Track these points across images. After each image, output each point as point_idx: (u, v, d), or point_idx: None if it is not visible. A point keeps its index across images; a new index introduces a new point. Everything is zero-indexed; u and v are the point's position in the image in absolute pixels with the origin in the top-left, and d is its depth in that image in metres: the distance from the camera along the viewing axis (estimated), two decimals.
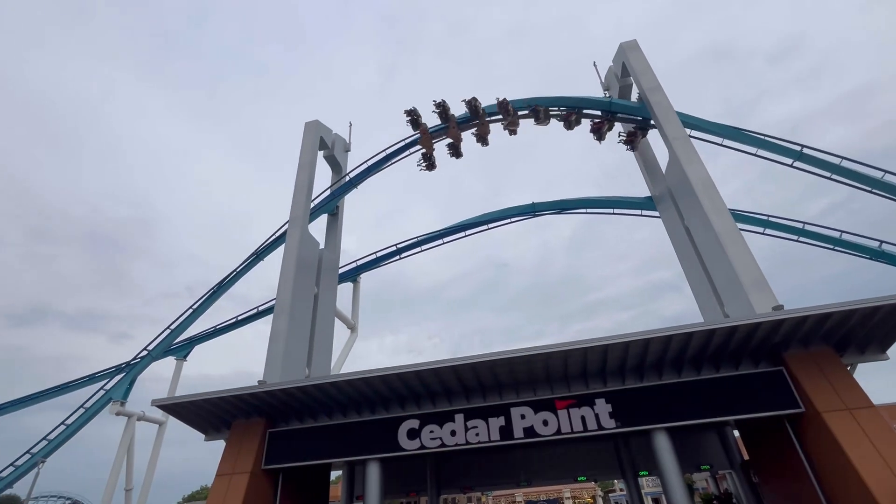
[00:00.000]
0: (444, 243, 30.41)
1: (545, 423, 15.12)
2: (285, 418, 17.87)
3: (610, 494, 46.76)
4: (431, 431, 15.88)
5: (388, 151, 29.37)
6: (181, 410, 17.69)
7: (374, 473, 15.87)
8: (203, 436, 19.23)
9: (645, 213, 26.77)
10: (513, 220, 29.21)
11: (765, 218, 25.44)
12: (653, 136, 26.50)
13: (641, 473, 20.22)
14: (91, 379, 29.00)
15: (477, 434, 15.47)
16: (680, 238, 22.29)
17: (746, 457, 18.66)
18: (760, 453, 17.23)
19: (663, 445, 14.16)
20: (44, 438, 25.50)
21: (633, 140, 25.98)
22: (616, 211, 27.76)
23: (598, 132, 25.42)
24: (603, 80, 30.05)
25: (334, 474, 28.78)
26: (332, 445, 16.74)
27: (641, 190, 27.39)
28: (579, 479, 21.24)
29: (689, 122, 22.36)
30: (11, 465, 24.86)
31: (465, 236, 30.07)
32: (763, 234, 25.36)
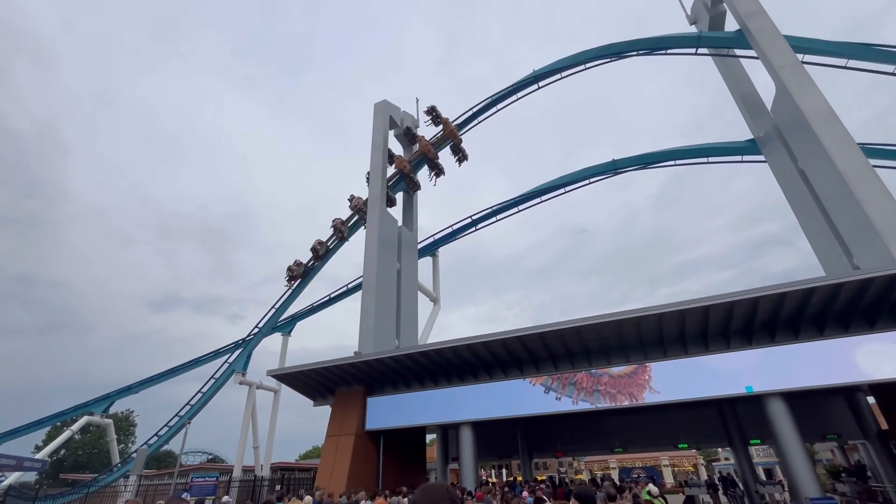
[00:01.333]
0: (519, 211, 29.82)
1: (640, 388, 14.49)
2: (381, 386, 19.15)
3: (714, 463, 44.14)
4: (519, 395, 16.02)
5: (456, 123, 29.15)
6: (291, 379, 19.73)
7: (466, 437, 16.51)
8: (311, 402, 21.35)
9: (746, 158, 23.77)
10: (592, 180, 27.63)
11: None
12: (752, 67, 23.19)
13: (753, 442, 18.70)
14: (216, 354, 33.48)
15: (565, 400, 15.31)
16: (792, 183, 19.53)
17: (885, 426, 16.39)
18: None
19: (779, 412, 12.89)
20: (187, 404, 30.24)
21: None
22: (711, 159, 24.96)
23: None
24: (689, 13, 26.61)
25: (430, 438, 30.56)
26: (424, 411, 17.63)
27: (740, 133, 24.32)
28: (680, 446, 20.23)
29: (801, 45, 19.08)
30: (165, 425, 29.91)
31: (542, 202, 29.19)
32: None
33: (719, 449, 45.47)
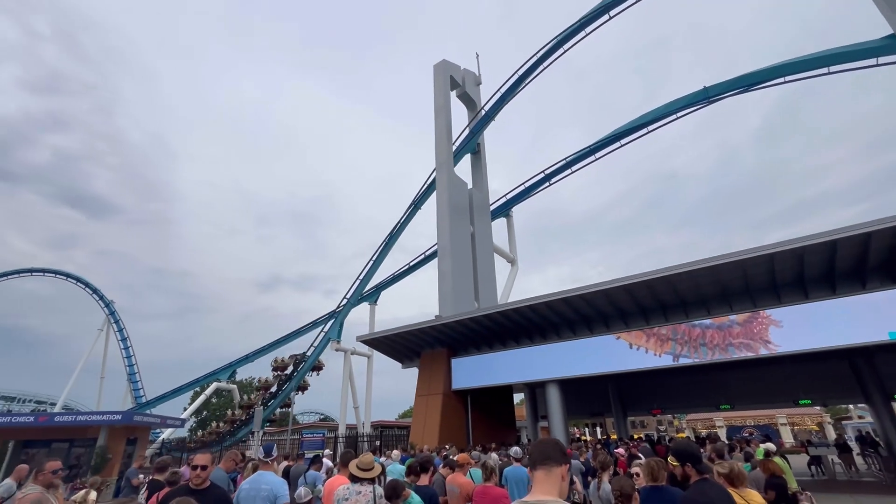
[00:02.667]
0: (596, 160, 27.58)
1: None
2: (464, 347, 19.36)
3: (844, 422, 39.27)
4: (608, 353, 15.18)
5: (521, 72, 27.39)
6: (378, 344, 20.74)
7: (553, 395, 16.16)
8: (400, 365, 22.38)
9: (883, 60, 19.30)
10: (679, 114, 24.50)
11: None
12: None
13: None
14: (314, 325, 36.49)
15: (665, 356, 14.16)
16: None
17: None
18: None
19: None
20: (296, 370, 33.63)
21: None
22: (833, 69, 20.63)
23: None
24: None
25: (520, 398, 30.80)
26: (508, 370, 17.50)
27: (872, 34, 19.66)
28: (801, 402, 18.03)
29: None
30: (280, 389, 33.68)
31: (621, 146, 26.64)
32: None
33: (850, 406, 40.27)
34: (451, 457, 12.27)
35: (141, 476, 8.50)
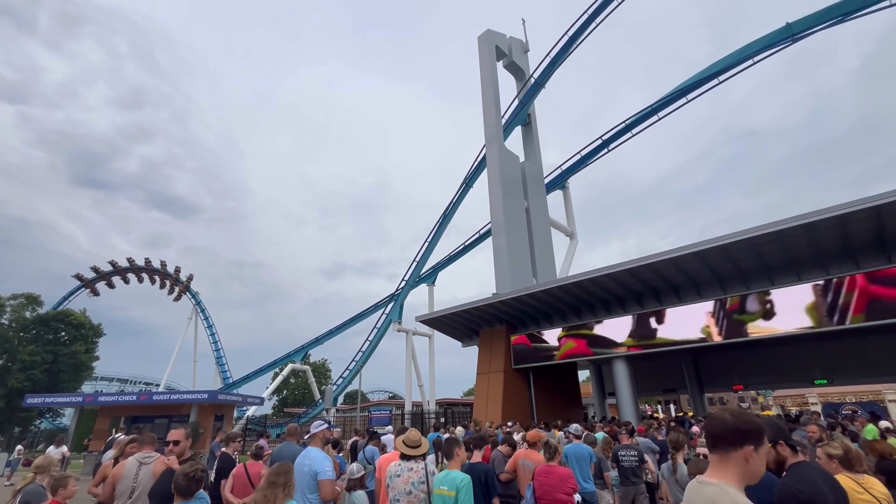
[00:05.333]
0: (659, 119, 25.38)
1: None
2: (524, 323, 18.94)
3: None
4: (681, 325, 14.09)
5: (571, 32, 25.68)
6: (437, 323, 20.88)
7: (621, 371, 15.38)
8: (460, 344, 22.45)
9: None
10: (757, 59, 21.73)
11: None
12: None
13: None
14: (375, 307, 37.75)
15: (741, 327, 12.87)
16: None
17: None
18: None
19: None
20: (359, 350, 35.16)
21: None
22: None
23: None
24: None
25: (585, 375, 29.93)
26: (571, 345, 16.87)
27: None
28: None
29: None
30: (346, 369, 35.43)
31: (687, 102, 24.22)
32: None
33: None
34: (514, 434, 12.11)
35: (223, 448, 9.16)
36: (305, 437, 4.66)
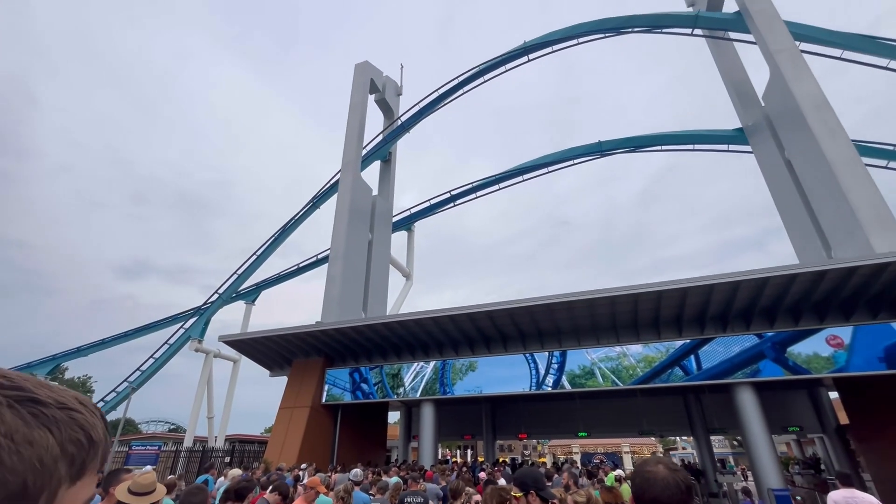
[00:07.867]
0: (500, 189, 28.81)
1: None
2: (342, 358, 18.15)
3: (671, 452, 45.18)
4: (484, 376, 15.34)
5: (442, 91, 27.73)
6: (245, 346, 18.54)
7: (428, 414, 15.79)
8: (268, 372, 20.24)
9: (733, 148, 23.29)
10: (576, 161, 26.79)
11: (892, 148, 21.01)
12: (747, 55, 22.59)
13: (717, 432, 18.64)
14: (173, 319, 31.74)
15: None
16: (777, 174, 19.11)
17: (844, 420, 16.45)
18: (864, 418, 14.99)
19: (748, 402, 12.55)
20: (137, 370, 28.55)
21: None
22: (697, 147, 24.40)
23: None
24: None
25: (395, 418, 29.92)
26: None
27: (729, 125, 23.77)
28: (643, 433, 20.11)
29: (799, 32, 18.45)
30: (113, 391, 28.27)
31: (524, 181, 28.22)
32: (886, 167, 21.03)
33: (678, 438, 46.52)
34: (303, 478, 11.04)
35: None
36: None
